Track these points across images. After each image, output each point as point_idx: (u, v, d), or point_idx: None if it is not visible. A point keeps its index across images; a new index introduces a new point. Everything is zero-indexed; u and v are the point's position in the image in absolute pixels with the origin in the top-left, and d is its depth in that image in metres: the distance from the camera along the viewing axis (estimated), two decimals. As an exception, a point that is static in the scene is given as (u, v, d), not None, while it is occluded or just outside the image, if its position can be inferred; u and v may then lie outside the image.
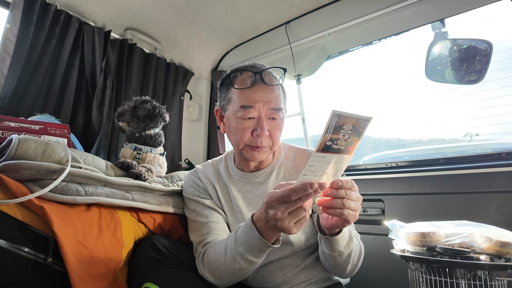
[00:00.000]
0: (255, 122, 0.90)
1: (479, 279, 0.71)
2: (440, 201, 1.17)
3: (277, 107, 0.91)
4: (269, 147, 0.93)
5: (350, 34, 1.49)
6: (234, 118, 0.91)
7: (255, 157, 0.92)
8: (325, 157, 0.59)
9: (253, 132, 0.90)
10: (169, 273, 0.84)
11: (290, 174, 0.99)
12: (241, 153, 0.95)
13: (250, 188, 1.00)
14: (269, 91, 0.90)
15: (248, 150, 0.92)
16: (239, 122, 0.90)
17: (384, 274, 1.22)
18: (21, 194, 0.75)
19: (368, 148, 3.09)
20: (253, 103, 0.88)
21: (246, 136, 0.90)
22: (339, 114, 0.54)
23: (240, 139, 0.91)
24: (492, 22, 1.40)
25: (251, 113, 0.89)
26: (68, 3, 1.39)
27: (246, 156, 0.94)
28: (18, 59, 1.23)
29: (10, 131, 0.95)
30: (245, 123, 0.90)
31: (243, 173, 1.01)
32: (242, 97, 0.90)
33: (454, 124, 2.28)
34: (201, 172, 1.06)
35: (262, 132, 0.88)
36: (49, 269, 0.77)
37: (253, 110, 0.89)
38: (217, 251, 0.82)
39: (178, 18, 1.61)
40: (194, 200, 1.01)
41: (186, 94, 1.97)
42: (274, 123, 0.92)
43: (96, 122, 1.46)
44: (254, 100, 0.88)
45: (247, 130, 0.90)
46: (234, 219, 0.98)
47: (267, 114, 0.90)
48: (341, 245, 0.78)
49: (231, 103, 0.93)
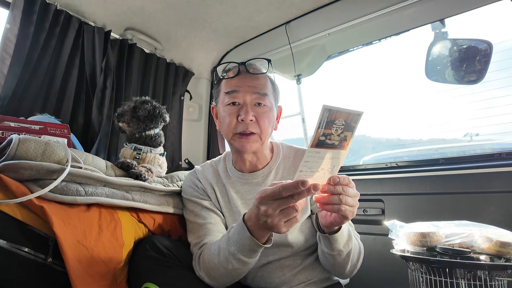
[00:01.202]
0: (240, 107, 0.92)
1: (479, 279, 0.71)
2: (440, 201, 1.17)
3: (262, 92, 0.92)
4: (258, 135, 0.93)
5: (350, 34, 1.49)
6: (222, 106, 0.94)
7: (244, 146, 0.92)
8: (320, 152, 0.60)
9: (238, 117, 0.91)
10: (169, 273, 0.84)
11: (288, 174, 0.99)
12: (232, 145, 0.96)
13: (248, 189, 1.00)
14: (254, 78, 0.93)
15: (237, 139, 0.93)
16: (226, 110, 0.93)
17: (384, 274, 1.22)
18: (21, 194, 0.75)
19: (368, 148, 3.09)
20: (237, 87, 0.91)
21: (232, 123, 0.92)
22: (330, 108, 0.54)
23: (228, 127, 0.93)
24: (491, 22, 1.41)
25: (235, 98, 0.91)
26: (68, 3, 1.39)
27: (236, 146, 0.94)
28: (18, 59, 1.23)
29: (10, 131, 0.95)
30: (232, 109, 0.92)
31: (241, 173, 1.01)
32: (228, 85, 0.94)
33: (454, 124, 2.28)
34: (200, 173, 1.06)
35: (246, 116, 0.89)
36: (49, 269, 0.77)
37: (237, 94, 0.91)
38: (211, 251, 0.83)
39: (178, 18, 1.61)
40: (193, 201, 1.01)
41: (186, 94, 1.97)
42: (261, 109, 0.92)
43: (96, 122, 1.46)
44: (238, 85, 0.91)
45: (232, 116, 0.91)
46: (232, 220, 0.98)
47: (252, 100, 0.92)
48: (340, 243, 0.78)
49: (220, 94, 0.97)
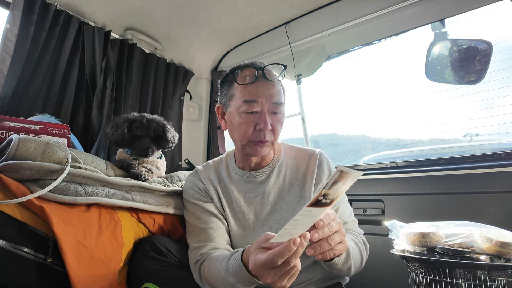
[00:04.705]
0: (258, 116, 0.91)
1: (479, 279, 0.71)
2: (440, 201, 1.17)
3: (279, 101, 0.92)
4: (271, 141, 0.94)
5: (350, 34, 1.49)
6: (237, 113, 0.92)
7: (258, 151, 0.93)
8: (311, 211, 0.55)
9: (256, 126, 0.91)
10: (169, 273, 0.84)
11: (291, 172, 1.00)
12: (243, 149, 0.95)
13: (251, 187, 0.99)
14: (270, 86, 0.92)
15: (252, 145, 0.93)
16: (242, 117, 0.91)
17: (384, 274, 1.22)
18: (21, 194, 0.75)
19: (368, 149, 3.09)
20: (256, 97, 0.90)
21: (249, 130, 0.91)
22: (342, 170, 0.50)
23: (244, 134, 0.92)
24: (491, 22, 1.40)
25: (254, 108, 0.90)
26: (68, 3, 1.39)
27: (249, 151, 0.94)
28: (18, 59, 1.23)
29: (10, 131, 0.94)
30: (248, 117, 0.91)
31: (243, 172, 1.01)
32: (245, 92, 0.91)
33: (453, 124, 2.28)
34: (202, 173, 1.05)
35: (265, 126, 0.89)
36: (48, 269, 0.77)
37: (256, 104, 0.90)
38: (212, 271, 0.81)
39: (178, 18, 1.61)
40: (194, 203, 1.00)
41: (186, 94, 1.97)
42: (276, 117, 0.93)
43: (96, 122, 1.46)
44: (257, 94, 0.90)
45: (250, 125, 0.91)
46: (236, 219, 0.98)
47: (269, 109, 0.91)
48: (339, 264, 0.78)
49: (233, 99, 0.94)
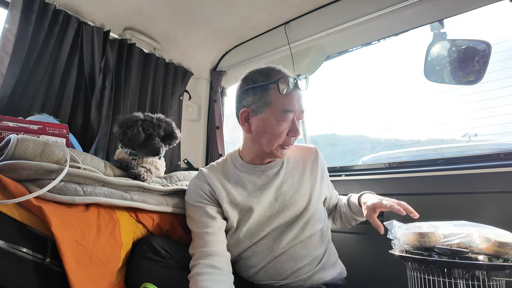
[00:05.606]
0: (292, 124, 0.98)
1: (477, 279, 0.71)
2: (438, 201, 1.17)
3: (304, 110, 1.02)
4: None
5: (349, 35, 1.49)
6: (274, 120, 0.97)
7: (283, 154, 1.02)
8: None
9: (289, 133, 0.98)
10: (167, 274, 0.84)
11: (297, 164, 1.09)
12: (270, 152, 1.00)
13: (264, 179, 1.05)
14: (302, 96, 1.00)
15: (279, 149, 1.00)
16: (279, 125, 0.97)
17: (382, 274, 1.22)
18: (20, 194, 0.75)
19: (367, 149, 3.09)
20: (293, 107, 0.97)
21: (283, 137, 0.98)
22: None
23: (276, 139, 0.98)
24: (491, 22, 1.41)
25: (290, 116, 0.97)
26: (67, 3, 1.39)
27: (275, 154, 1.01)
28: (16, 59, 1.23)
29: (8, 131, 0.94)
30: (284, 125, 0.97)
31: (255, 166, 1.06)
32: (285, 102, 0.96)
33: (452, 124, 2.28)
34: (208, 175, 1.05)
35: (298, 133, 0.99)
36: (47, 269, 0.76)
37: (292, 113, 0.97)
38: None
39: (177, 18, 1.61)
40: (194, 206, 1.01)
41: (185, 94, 1.97)
42: (299, 123, 1.02)
43: (95, 122, 1.45)
44: (294, 104, 0.97)
45: (285, 132, 0.98)
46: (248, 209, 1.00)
47: (298, 117, 0.99)
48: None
49: (270, 106, 0.97)
